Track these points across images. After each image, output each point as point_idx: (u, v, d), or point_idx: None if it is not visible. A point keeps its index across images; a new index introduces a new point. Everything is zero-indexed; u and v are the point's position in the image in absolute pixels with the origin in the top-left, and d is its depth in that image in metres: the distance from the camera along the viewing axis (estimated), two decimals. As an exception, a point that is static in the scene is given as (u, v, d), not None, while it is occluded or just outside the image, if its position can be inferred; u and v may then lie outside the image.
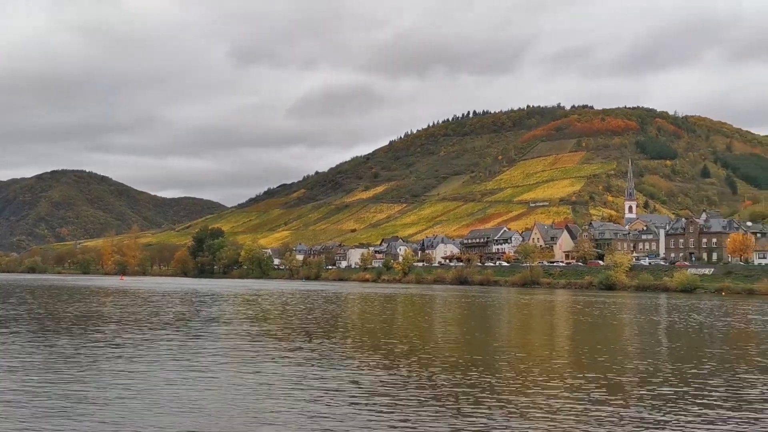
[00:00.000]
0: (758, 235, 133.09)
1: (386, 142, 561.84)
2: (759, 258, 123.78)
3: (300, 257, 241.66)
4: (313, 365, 24.67)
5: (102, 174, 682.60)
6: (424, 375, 22.76)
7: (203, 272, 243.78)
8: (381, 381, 21.59)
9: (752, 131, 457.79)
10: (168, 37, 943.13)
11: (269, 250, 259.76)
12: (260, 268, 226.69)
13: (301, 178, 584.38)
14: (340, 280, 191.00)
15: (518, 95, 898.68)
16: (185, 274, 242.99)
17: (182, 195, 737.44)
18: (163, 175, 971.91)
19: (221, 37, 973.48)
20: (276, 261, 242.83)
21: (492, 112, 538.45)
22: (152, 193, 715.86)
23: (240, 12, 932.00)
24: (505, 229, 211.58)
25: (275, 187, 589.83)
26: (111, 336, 33.49)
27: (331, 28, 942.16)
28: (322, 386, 20.46)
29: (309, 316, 49.75)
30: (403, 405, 17.98)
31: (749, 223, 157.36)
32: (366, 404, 18.06)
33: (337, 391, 19.80)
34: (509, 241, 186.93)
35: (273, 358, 26.30)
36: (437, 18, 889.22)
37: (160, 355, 26.56)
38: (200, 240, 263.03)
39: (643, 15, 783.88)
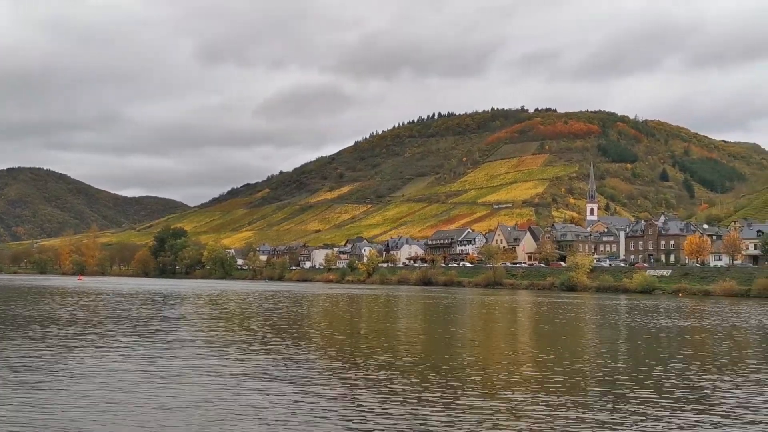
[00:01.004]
0: (714, 237, 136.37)
1: (353, 143, 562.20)
2: (714, 260, 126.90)
3: (263, 258, 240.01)
4: (273, 367, 24.34)
5: (60, 172, 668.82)
6: (386, 376, 22.62)
7: (164, 272, 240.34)
8: (342, 382, 21.39)
9: (709, 136, 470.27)
10: (133, 33, 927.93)
11: (232, 251, 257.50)
12: (223, 269, 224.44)
13: (265, 178, 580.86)
14: (304, 280, 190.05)
15: (485, 98, 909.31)
16: (146, 275, 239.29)
17: (144, 194, 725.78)
18: (124, 174, 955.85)
19: (188, 35, 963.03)
20: (239, 261, 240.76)
21: (457, 114, 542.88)
22: (112, 192, 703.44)
23: (207, 10, 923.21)
24: (469, 230, 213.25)
25: (239, 186, 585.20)
26: (67, 338, 32.62)
27: (300, 28, 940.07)
28: (282, 388, 20.17)
29: (271, 317, 49.25)
30: (365, 406, 17.82)
31: (705, 226, 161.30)
32: (327, 406, 17.85)
33: (298, 392, 19.54)
34: (473, 242, 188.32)
35: (233, 360, 25.88)
36: (405, 20, 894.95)
37: (118, 358, 25.93)
38: (162, 240, 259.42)
39: (608, 22, 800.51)
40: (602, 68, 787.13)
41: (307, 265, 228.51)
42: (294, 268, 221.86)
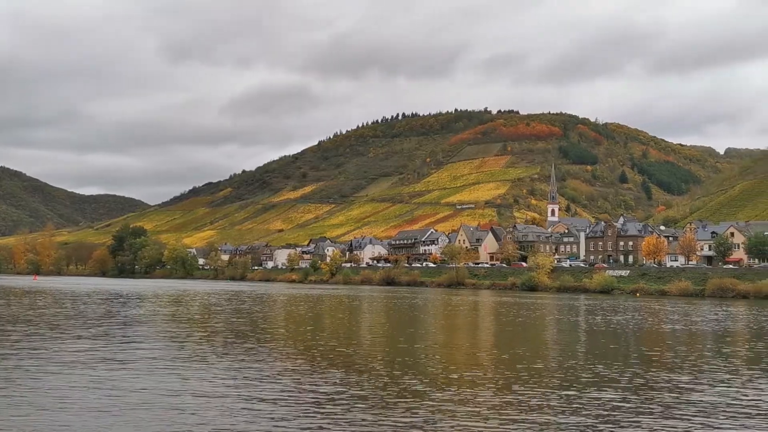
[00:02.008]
0: (670, 238, 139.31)
1: (317, 143, 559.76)
2: (671, 261, 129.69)
3: (225, 257, 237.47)
4: (234, 368, 24.00)
5: (15, 169, 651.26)
6: (348, 376, 22.48)
7: (123, 272, 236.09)
8: (303, 383, 21.18)
9: (666, 140, 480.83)
10: (97, 29, 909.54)
11: (194, 250, 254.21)
12: (184, 268, 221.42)
13: (228, 177, 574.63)
14: (267, 280, 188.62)
15: (451, 100, 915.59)
16: (104, 274, 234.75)
17: (102, 192, 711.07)
18: (83, 172, 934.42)
19: (153, 31, 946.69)
20: (201, 261, 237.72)
21: (421, 114, 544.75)
22: (70, 190, 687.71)
23: (174, 7, 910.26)
24: (432, 230, 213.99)
25: (201, 185, 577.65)
26: (19, 339, 31.69)
27: (269, 27, 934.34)
28: (243, 389, 19.89)
29: (233, 318, 48.66)
30: (327, 408, 17.65)
31: (662, 227, 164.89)
32: (288, 407, 17.64)
33: (259, 394, 19.27)
34: (436, 242, 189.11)
35: (193, 361, 25.44)
36: (375, 21, 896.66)
37: (73, 359, 25.25)
38: (121, 239, 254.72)
39: (573, 27, 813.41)
40: (566, 72, 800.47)
41: (270, 265, 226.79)
42: (256, 267, 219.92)
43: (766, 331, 45.37)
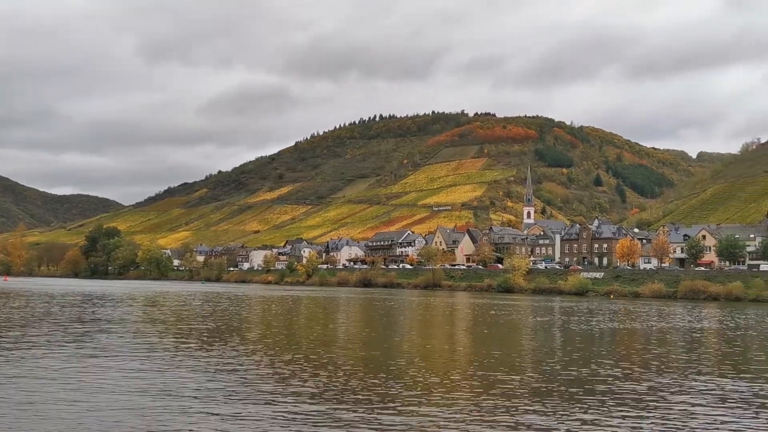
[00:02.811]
0: (644, 241, 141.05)
1: (293, 143, 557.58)
2: (644, 263, 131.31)
3: (201, 258, 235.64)
4: (209, 370, 23.71)
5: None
6: (324, 378, 22.33)
7: (96, 273, 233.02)
8: (278, 386, 20.98)
9: (640, 143, 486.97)
10: (74, 27, 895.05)
11: (168, 251, 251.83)
12: (158, 269, 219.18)
13: (203, 178, 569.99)
14: (242, 281, 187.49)
15: (430, 102, 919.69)
16: (76, 275, 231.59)
17: (75, 192, 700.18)
18: (57, 172, 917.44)
19: (131, 31, 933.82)
20: (176, 262, 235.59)
21: (398, 116, 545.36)
22: (42, 190, 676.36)
23: (154, 7, 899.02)
24: (409, 232, 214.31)
25: (176, 185, 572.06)
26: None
27: (249, 29, 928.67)
28: (217, 391, 19.64)
29: (207, 319, 48.17)
30: (300, 408, 17.49)
31: (636, 230, 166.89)
32: (264, 408, 17.45)
33: (234, 395, 19.04)
34: (413, 244, 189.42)
35: (168, 362, 25.08)
36: (355, 24, 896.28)
37: (45, 360, 24.75)
38: (94, 239, 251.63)
39: (551, 31, 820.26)
40: (544, 76, 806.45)
41: (246, 266, 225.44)
42: (232, 269, 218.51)
43: (732, 334, 46.07)
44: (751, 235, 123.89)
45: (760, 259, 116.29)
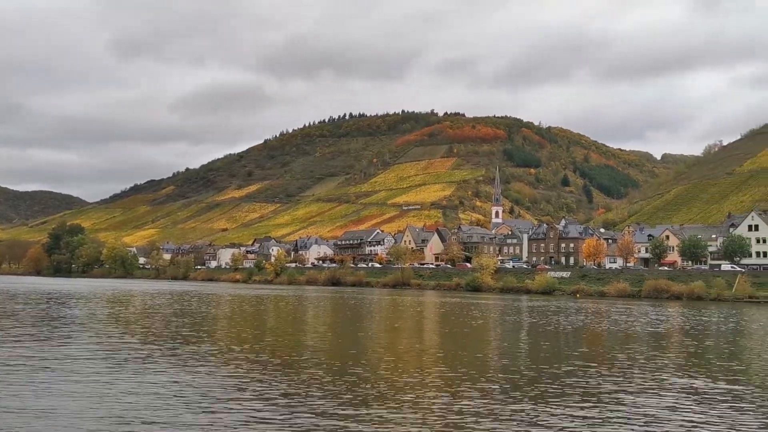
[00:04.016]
0: (609, 241, 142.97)
1: (263, 141, 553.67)
2: (610, 263, 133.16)
3: (167, 256, 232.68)
4: (173, 369, 23.30)
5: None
6: (288, 377, 22.11)
7: (60, 271, 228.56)
8: (243, 383, 20.70)
9: (607, 144, 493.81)
10: (45, 22, 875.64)
11: (134, 249, 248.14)
12: (124, 268, 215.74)
13: (171, 175, 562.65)
14: (210, 280, 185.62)
15: (404, 102, 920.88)
16: (39, 273, 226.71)
17: (40, 189, 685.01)
18: (21, 168, 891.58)
19: (103, 26, 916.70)
20: (141, 260, 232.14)
21: (368, 115, 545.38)
22: (3, 186, 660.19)
23: (127, 2, 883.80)
24: (378, 231, 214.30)
25: (142, 183, 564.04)
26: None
27: (224, 26, 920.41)
28: (182, 391, 19.29)
29: (172, 318, 47.47)
30: (268, 407, 17.27)
31: (602, 230, 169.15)
32: (227, 413, 17.18)
33: (197, 398, 18.71)
34: (382, 243, 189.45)
35: (131, 363, 24.60)
36: (331, 23, 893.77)
37: (5, 361, 24.10)
38: (57, 237, 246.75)
39: (525, 34, 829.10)
40: (518, 77, 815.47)
41: (213, 264, 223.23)
42: (199, 267, 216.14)
43: (693, 332, 46.89)
44: (713, 236, 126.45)
45: (721, 259, 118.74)
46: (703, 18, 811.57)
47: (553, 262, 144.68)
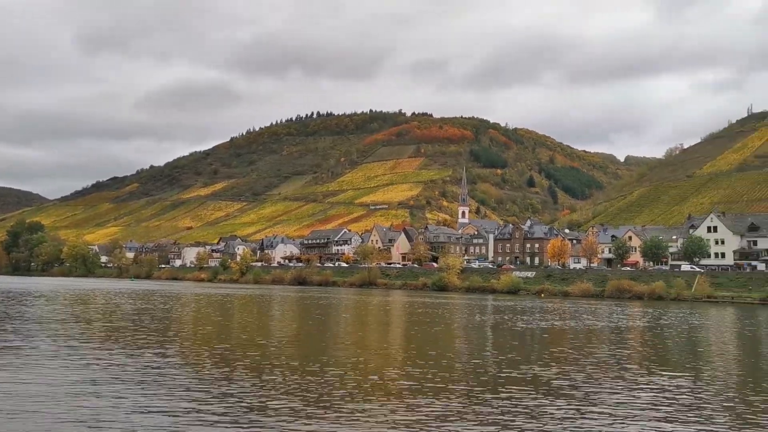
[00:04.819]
0: (574, 241, 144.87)
1: (229, 139, 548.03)
2: (574, 263, 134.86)
3: (130, 255, 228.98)
4: (130, 373, 22.79)
5: None
6: (253, 379, 21.80)
7: (18, 270, 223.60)
8: (205, 389, 20.33)
9: (572, 146, 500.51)
10: (9, 16, 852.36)
11: (96, 247, 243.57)
12: (85, 266, 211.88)
13: (134, 172, 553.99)
14: (174, 279, 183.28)
15: (375, 102, 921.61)
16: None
17: None
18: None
19: (69, 21, 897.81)
20: (103, 259, 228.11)
21: (336, 114, 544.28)
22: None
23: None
24: (345, 230, 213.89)
25: (105, 180, 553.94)
26: None
27: (192, 23, 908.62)
28: (142, 391, 18.85)
29: (132, 319, 46.59)
30: (231, 409, 16.96)
31: (567, 230, 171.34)
32: (192, 409, 16.82)
33: (157, 400, 18.30)
34: (349, 242, 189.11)
35: (90, 363, 23.99)
36: (301, 22, 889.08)
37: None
38: (16, 234, 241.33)
39: (494, 36, 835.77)
40: (486, 79, 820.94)
41: (178, 263, 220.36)
42: (163, 266, 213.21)
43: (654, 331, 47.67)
44: (674, 237, 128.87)
45: (681, 260, 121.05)
46: (667, 25, 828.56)
47: (518, 262, 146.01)
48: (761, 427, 17.27)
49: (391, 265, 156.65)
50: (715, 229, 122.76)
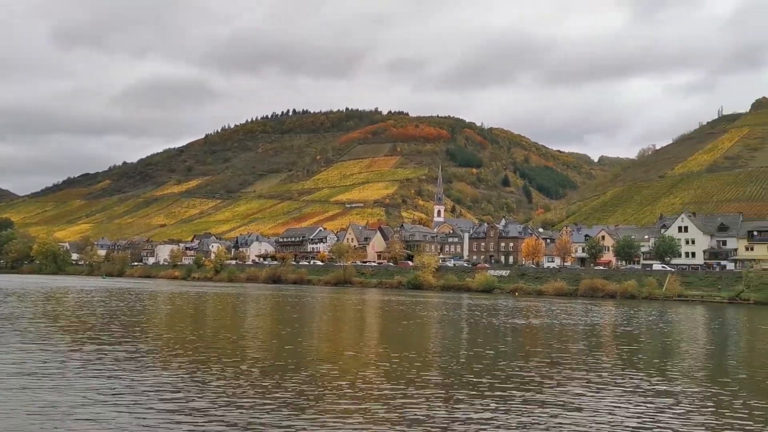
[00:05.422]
0: (548, 240, 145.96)
1: (203, 136, 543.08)
2: (548, 262, 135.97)
3: (102, 252, 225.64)
4: (105, 370, 22.46)
5: None
6: (227, 379, 21.61)
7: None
8: (179, 384, 20.09)
9: (547, 146, 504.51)
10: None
11: (67, 244, 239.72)
12: (55, 264, 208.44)
13: (107, 168, 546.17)
14: (147, 277, 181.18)
15: (350, 101, 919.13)
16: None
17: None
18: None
19: (44, 15, 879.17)
20: (74, 256, 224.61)
21: (312, 111, 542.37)
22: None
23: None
24: (320, 228, 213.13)
25: (77, 176, 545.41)
26: None
27: (169, 18, 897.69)
28: (112, 392, 18.57)
29: (102, 318, 45.94)
30: (205, 408, 16.78)
31: (541, 230, 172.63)
32: (167, 410, 16.61)
33: (129, 403, 18.04)
34: (324, 240, 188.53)
35: (56, 367, 23.59)
36: (280, 20, 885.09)
37: None
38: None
39: (472, 36, 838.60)
40: (463, 79, 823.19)
41: (151, 261, 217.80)
42: (136, 264, 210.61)
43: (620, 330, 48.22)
44: (646, 236, 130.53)
45: (653, 259, 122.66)
46: (641, 27, 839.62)
47: (493, 261, 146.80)
48: (728, 420, 17.55)
49: (367, 264, 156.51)
50: (686, 229, 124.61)
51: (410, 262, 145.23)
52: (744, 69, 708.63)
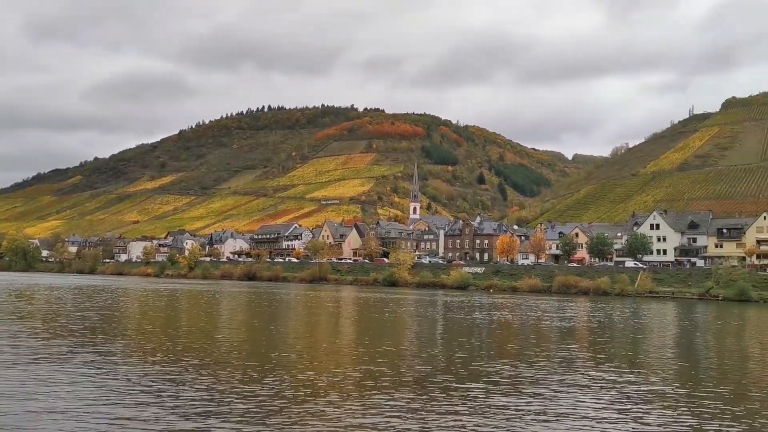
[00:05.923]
0: (522, 238, 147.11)
1: (177, 131, 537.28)
2: (522, 259, 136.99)
3: (73, 249, 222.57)
4: (78, 369, 22.07)
5: None
6: (201, 378, 21.37)
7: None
8: (153, 384, 19.83)
9: (522, 144, 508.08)
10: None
11: (37, 241, 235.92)
12: (25, 260, 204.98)
13: (77, 164, 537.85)
14: (119, 274, 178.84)
15: (326, 98, 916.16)
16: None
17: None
18: None
19: (15, 8, 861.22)
20: (45, 253, 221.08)
21: (287, 108, 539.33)
22: None
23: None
24: (296, 225, 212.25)
25: (47, 171, 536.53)
26: None
27: (144, 13, 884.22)
28: (85, 392, 18.26)
29: (69, 316, 45.22)
30: (178, 409, 16.56)
31: (516, 227, 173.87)
32: (138, 409, 16.36)
33: (99, 405, 17.74)
34: (300, 237, 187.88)
35: (33, 362, 23.15)
36: (257, 16, 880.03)
37: None
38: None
39: (449, 35, 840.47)
40: (440, 77, 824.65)
41: (123, 258, 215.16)
42: (108, 261, 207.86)
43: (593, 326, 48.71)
44: (618, 234, 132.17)
45: (625, 257, 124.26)
46: (616, 28, 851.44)
47: (468, 258, 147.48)
48: (698, 413, 17.79)
49: (342, 261, 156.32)
50: (658, 226, 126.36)
51: (386, 260, 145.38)
52: (715, 70, 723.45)
